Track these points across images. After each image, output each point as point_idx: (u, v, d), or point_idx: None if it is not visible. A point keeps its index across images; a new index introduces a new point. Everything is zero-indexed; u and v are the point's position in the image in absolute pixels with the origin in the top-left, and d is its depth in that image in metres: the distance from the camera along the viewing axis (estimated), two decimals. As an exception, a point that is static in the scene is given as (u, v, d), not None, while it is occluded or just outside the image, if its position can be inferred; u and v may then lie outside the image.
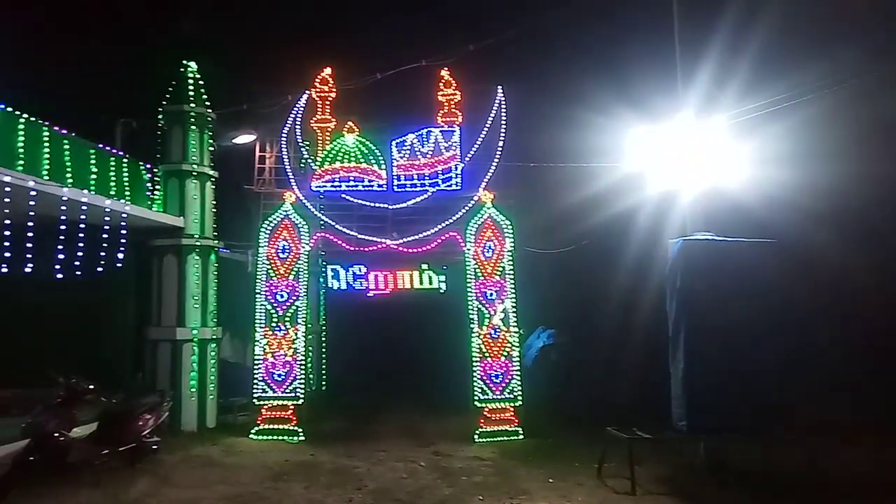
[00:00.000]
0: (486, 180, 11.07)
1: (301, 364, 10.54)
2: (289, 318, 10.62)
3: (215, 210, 11.59)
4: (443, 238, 11.09)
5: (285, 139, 11.84)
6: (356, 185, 11.31)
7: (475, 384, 10.29)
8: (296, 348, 10.55)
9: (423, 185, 11.32)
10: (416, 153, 11.36)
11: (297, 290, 10.75)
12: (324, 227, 11.43)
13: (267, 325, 10.63)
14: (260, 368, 10.51)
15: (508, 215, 10.99)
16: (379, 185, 11.36)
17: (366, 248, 11.43)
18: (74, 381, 7.78)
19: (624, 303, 11.80)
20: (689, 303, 7.97)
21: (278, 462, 8.84)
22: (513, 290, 10.59)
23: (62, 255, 8.26)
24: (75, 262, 8.43)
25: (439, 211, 11.40)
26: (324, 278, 12.25)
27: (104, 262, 9.07)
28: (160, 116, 11.27)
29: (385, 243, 11.35)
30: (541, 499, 7.25)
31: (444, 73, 11.47)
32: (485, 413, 10.24)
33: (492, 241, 10.73)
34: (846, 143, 9.38)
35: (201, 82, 11.45)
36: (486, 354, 10.37)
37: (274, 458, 9.03)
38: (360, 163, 11.36)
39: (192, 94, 11.24)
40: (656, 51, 10.41)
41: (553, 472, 8.19)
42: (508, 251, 10.72)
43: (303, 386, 10.53)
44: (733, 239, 8.24)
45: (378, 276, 11.89)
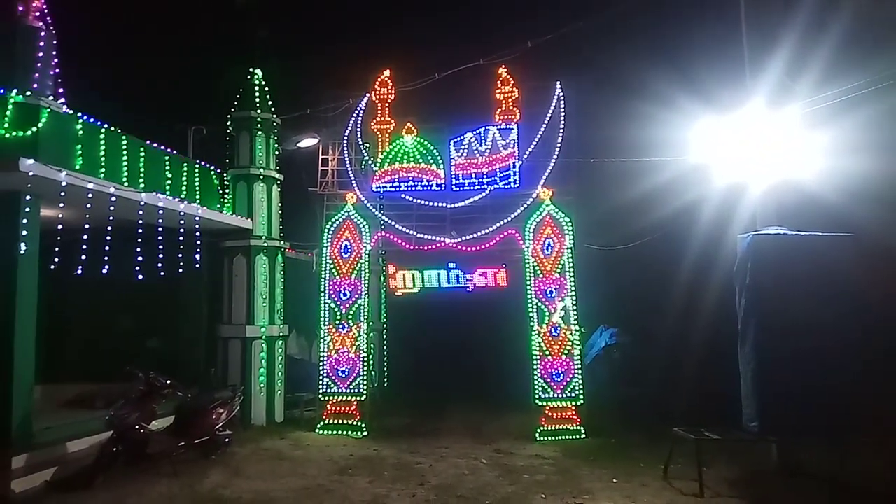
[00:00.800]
0: (545, 177, 10.97)
1: (364, 361, 10.76)
2: (351, 316, 10.87)
3: (281, 212, 11.97)
4: (501, 236, 11.08)
5: (346, 142, 12.13)
6: (415, 185, 11.45)
7: (535, 382, 10.23)
8: (359, 345, 10.78)
9: (481, 183, 11.34)
10: (474, 152, 11.39)
11: (360, 289, 10.98)
12: (384, 227, 11.65)
13: (331, 323, 10.90)
14: (325, 365, 10.80)
15: (568, 212, 10.86)
16: (437, 185, 11.46)
17: (425, 248, 11.56)
18: (153, 377, 8.24)
19: (688, 300, 11.48)
20: (759, 300, 7.68)
21: (343, 456, 9.07)
22: (573, 288, 10.47)
23: (141, 258, 8.69)
24: (153, 264, 8.85)
25: (498, 209, 11.40)
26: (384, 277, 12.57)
27: (180, 263, 9.53)
28: (229, 123, 11.74)
29: (444, 242, 11.44)
30: (604, 499, 7.16)
31: (502, 71, 11.45)
32: (546, 412, 10.17)
33: (551, 238, 10.64)
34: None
35: (267, 89, 11.84)
36: (547, 352, 10.30)
37: (339, 453, 9.26)
38: (419, 163, 11.49)
39: (258, 100, 11.65)
40: (722, 38, 10.08)
41: (617, 472, 8.07)
42: (568, 248, 10.61)
43: (366, 382, 10.74)
44: (807, 233, 7.88)
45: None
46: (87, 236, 7.97)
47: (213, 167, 11.21)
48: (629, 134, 12.25)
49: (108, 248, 8.18)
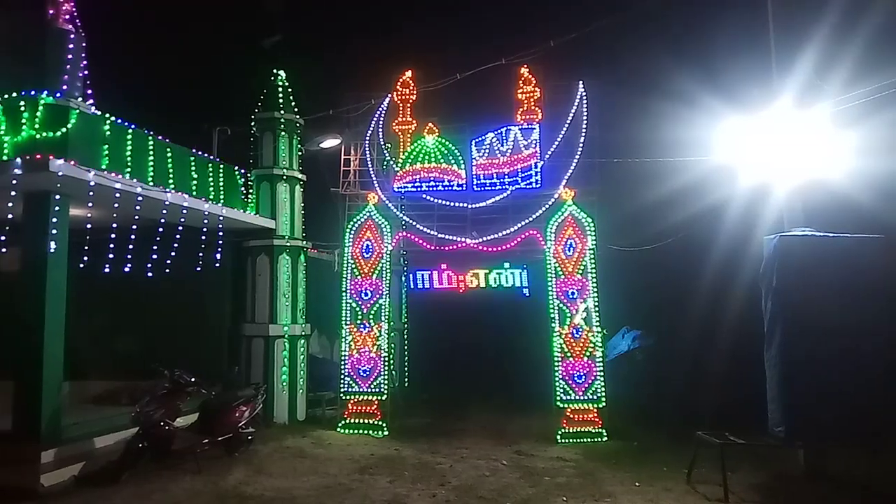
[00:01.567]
0: (567, 177, 10.91)
1: (385, 360, 10.79)
2: (373, 316, 10.91)
3: (304, 212, 12.08)
4: (522, 236, 11.04)
5: (368, 142, 12.17)
6: (436, 186, 11.46)
7: (557, 384, 10.17)
8: (380, 345, 10.81)
9: (502, 183, 11.31)
10: (496, 152, 11.36)
11: (381, 289, 11.02)
12: (405, 227, 11.67)
13: (352, 323, 10.95)
14: (346, 364, 10.85)
15: (590, 213, 10.78)
16: (458, 185, 11.45)
17: (445, 248, 11.56)
18: (178, 375, 8.35)
19: (712, 302, 11.31)
20: (786, 302, 7.54)
21: (364, 455, 9.10)
22: (595, 289, 10.39)
23: (166, 257, 8.82)
24: (177, 263, 8.97)
25: (519, 209, 11.35)
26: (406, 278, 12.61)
27: (203, 262, 9.64)
28: (253, 124, 11.87)
29: (465, 242, 11.43)
30: (627, 503, 7.09)
31: (524, 71, 11.40)
32: (567, 414, 10.10)
33: (573, 238, 10.57)
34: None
35: (290, 90, 11.96)
36: (568, 354, 10.23)
37: (360, 452, 9.30)
38: (440, 163, 11.49)
39: (281, 101, 11.76)
40: (748, 36, 9.93)
41: (639, 475, 7.99)
42: (590, 249, 10.53)
43: (387, 382, 10.77)
44: (835, 234, 7.72)
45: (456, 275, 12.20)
46: (113, 235, 8.11)
47: (237, 167, 11.33)
48: (652, 134, 12.13)
49: (134, 246, 8.32)
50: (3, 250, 7.47)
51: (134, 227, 8.31)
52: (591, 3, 11.54)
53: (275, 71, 11.94)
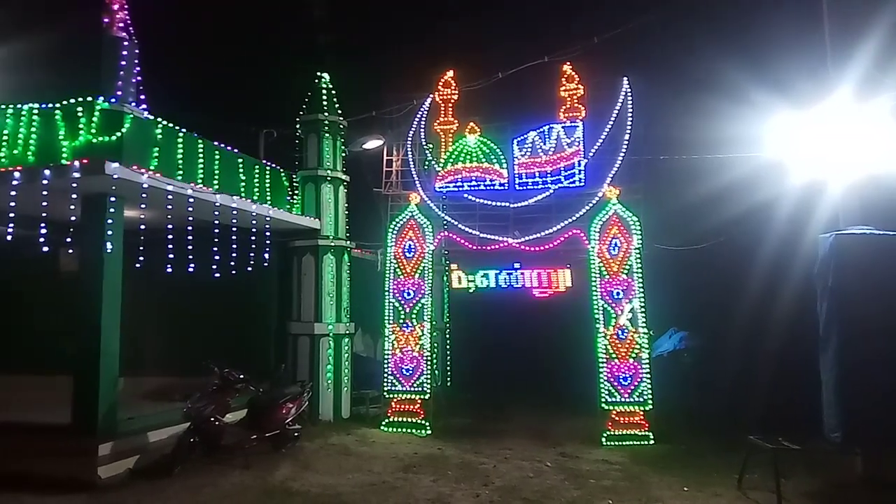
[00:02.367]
0: (612, 175, 10.74)
1: (427, 360, 10.83)
2: (415, 315, 10.96)
3: (347, 212, 12.22)
4: (566, 236, 10.91)
5: (410, 142, 12.22)
6: (478, 185, 11.42)
7: (601, 386, 10.03)
8: (422, 344, 10.86)
9: (544, 182, 11.20)
10: (538, 150, 11.26)
11: (423, 288, 11.06)
12: (447, 227, 11.67)
13: (395, 322, 11.03)
14: (389, 363, 10.94)
15: (636, 211, 10.58)
16: (500, 184, 11.39)
17: (488, 248, 11.53)
18: (228, 372, 8.56)
19: (763, 303, 10.99)
20: (843, 303, 7.26)
21: (408, 454, 9.15)
22: (641, 290, 10.20)
23: (215, 257, 9.03)
24: (226, 263, 9.19)
25: (562, 208, 11.23)
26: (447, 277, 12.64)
27: (251, 262, 9.86)
28: (297, 126, 12.07)
29: (507, 242, 11.37)
30: (675, 507, 6.96)
31: (567, 68, 11.26)
32: (612, 416, 9.95)
33: (618, 238, 10.40)
34: None
35: (334, 92, 12.11)
36: (613, 356, 10.07)
37: (403, 450, 9.36)
38: (482, 163, 11.46)
39: (325, 103, 11.93)
40: (801, 27, 9.60)
41: (687, 480, 7.81)
42: (636, 249, 10.34)
43: (429, 381, 10.81)
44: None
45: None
46: (166, 236, 8.35)
47: (282, 169, 11.54)
48: (699, 130, 11.83)
49: (185, 247, 8.53)
50: (70, 251, 7.78)
51: (186, 227, 8.55)
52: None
53: (319, 74, 12.12)
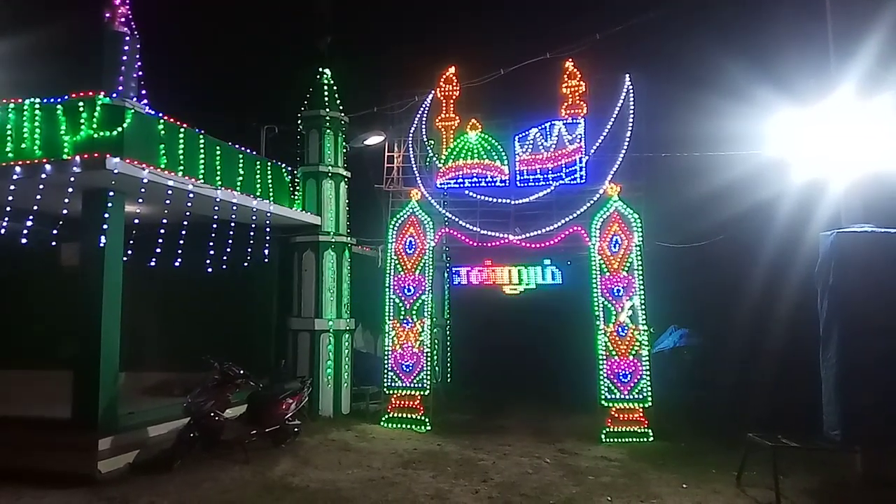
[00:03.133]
0: (613, 172, 10.73)
1: (427, 356, 10.84)
2: (415, 312, 10.96)
3: (348, 208, 12.22)
4: (566, 233, 10.90)
5: (411, 139, 12.23)
6: (479, 182, 11.43)
7: (601, 383, 10.03)
8: (422, 341, 10.86)
9: (545, 179, 11.19)
10: (539, 147, 11.26)
11: (423, 285, 11.06)
12: (448, 224, 11.67)
13: (395, 318, 11.03)
14: (389, 359, 10.95)
15: (637, 208, 10.58)
16: (501, 181, 11.39)
17: (488, 244, 11.53)
18: (228, 367, 8.57)
19: (764, 301, 10.99)
20: (844, 301, 7.25)
21: (407, 450, 9.17)
22: (641, 287, 10.19)
23: (215, 252, 9.04)
24: (227, 258, 9.19)
25: (563, 205, 11.23)
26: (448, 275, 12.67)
27: (252, 257, 9.86)
28: (299, 122, 12.06)
29: (507, 239, 11.37)
30: (673, 504, 6.96)
31: (569, 65, 11.23)
32: (612, 413, 9.95)
33: (618, 235, 10.39)
34: None
35: (335, 88, 12.10)
36: (613, 353, 10.07)
37: (403, 446, 9.37)
38: (483, 159, 11.46)
39: (326, 99, 11.91)
40: (803, 24, 9.58)
41: (686, 477, 7.81)
42: (636, 246, 10.33)
43: (429, 377, 10.82)
44: (897, 231, 7.39)
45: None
46: (165, 231, 8.33)
47: (284, 165, 11.54)
48: (701, 127, 11.81)
49: (186, 242, 8.52)
50: (69, 246, 7.76)
51: (186, 223, 8.54)
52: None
53: (320, 69, 12.10)
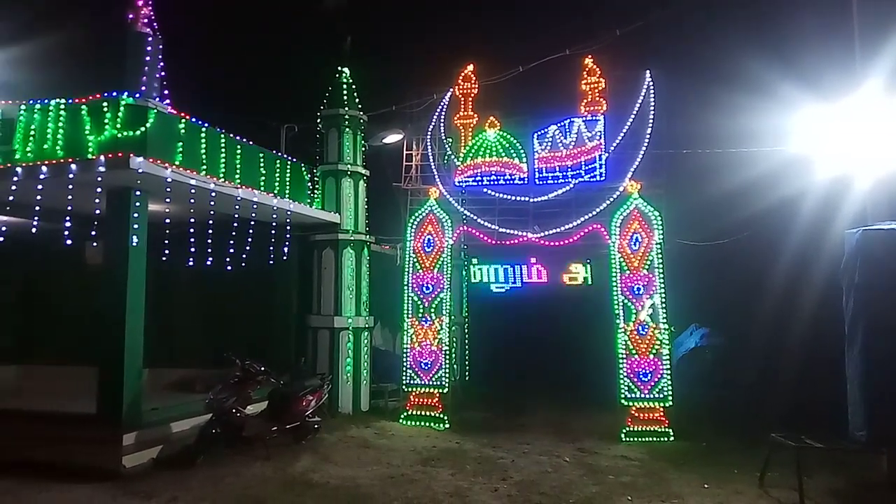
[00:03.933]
0: (633, 170, 10.68)
1: (446, 354, 10.86)
2: (434, 310, 10.98)
3: (367, 206, 12.27)
4: (586, 231, 10.86)
5: (430, 137, 12.25)
6: (497, 180, 11.43)
7: (621, 382, 9.97)
8: (441, 338, 10.88)
9: (564, 177, 11.17)
10: (558, 144, 11.23)
11: (442, 283, 11.08)
12: (466, 222, 11.69)
13: (414, 316, 11.07)
14: (408, 357, 10.98)
15: (657, 206, 10.48)
16: (520, 179, 11.39)
17: (507, 242, 11.51)
18: (249, 364, 8.65)
19: (786, 299, 10.85)
20: (869, 300, 7.13)
21: (426, 447, 9.19)
22: (662, 285, 10.10)
23: (236, 250, 9.12)
24: (247, 256, 9.27)
25: (582, 203, 11.19)
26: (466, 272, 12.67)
27: (272, 255, 9.94)
28: (318, 120, 12.13)
29: (526, 236, 11.35)
30: (695, 504, 6.91)
31: (588, 61, 11.20)
32: (632, 412, 9.89)
33: (639, 233, 10.30)
34: None
35: (354, 87, 12.15)
36: (633, 351, 10.01)
37: (422, 444, 9.40)
38: (501, 157, 11.46)
39: (345, 98, 11.96)
40: (828, 17, 9.42)
41: (708, 477, 7.74)
42: (657, 244, 10.23)
43: (448, 375, 10.83)
44: (926, 229, 7.25)
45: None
46: (188, 229, 8.45)
47: (303, 163, 11.61)
48: (723, 124, 11.66)
49: (207, 240, 8.64)
50: (94, 244, 7.90)
51: (208, 221, 8.64)
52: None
53: (339, 69, 12.16)
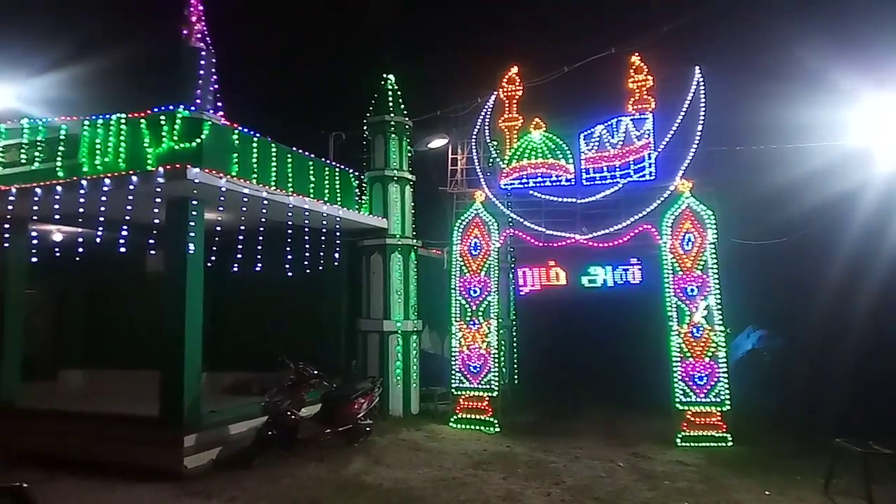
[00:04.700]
0: (684, 168, 10.43)
1: (495, 357, 10.83)
2: (482, 313, 10.98)
3: (414, 211, 12.38)
4: (635, 231, 10.67)
5: (475, 140, 12.27)
6: (543, 181, 11.36)
7: (676, 385, 9.76)
8: (489, 342, 10.87)
9: (613, 177, 11.00)
10: (605, 144, 11.07)
11: (489, 286, 11.06)
12: (512, 224, 11.65)
13: (462, 319, 11.08)
14: (456, 360, 11.01)
15: (710, 205, 10.20)
16: (567, 180, 11.27)
17: (554, 244, 11.42)
18: (302, 367, 8.84)
19: (847, 298, 10.40)
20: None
21: (477, 451, 9.19)
22: (717, 286, 9.84)
23: (288, 257, 9.34)
24: (299, 262, 9.49)
25: (631, 203, 10.99)
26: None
27: (323, 261, 10.13)
28: (365, 127, 12.31)
29: (574, 238, 11.23)
30: (756, 511, 6.70)
31: (635, 59, 11.01)
32: (688, 416, 9.65)
33: (691, 232, 10.07)
34: None
35: (399, 93, 12.29)
36: (688, 354, 9.77)
37: (472, 447, 9.40)
38: (547, 159, 11.38)
39: (391, 104, 12.12)
40: (886, 3, 9.05)
41: (768, 483, 7.50)
42: (710, 243, 9.97)
43: (497, 379, 10.80)
44: None
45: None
46: (242, 237, 8.70)
47: (351, 170, 11.80)
48: (778, 118, 11.29)
49: (260, 247, 8.87)
50: (153, 253, 8.21)
51: (261, 228, 8.87)
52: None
53: (384, 75, 12.31)
